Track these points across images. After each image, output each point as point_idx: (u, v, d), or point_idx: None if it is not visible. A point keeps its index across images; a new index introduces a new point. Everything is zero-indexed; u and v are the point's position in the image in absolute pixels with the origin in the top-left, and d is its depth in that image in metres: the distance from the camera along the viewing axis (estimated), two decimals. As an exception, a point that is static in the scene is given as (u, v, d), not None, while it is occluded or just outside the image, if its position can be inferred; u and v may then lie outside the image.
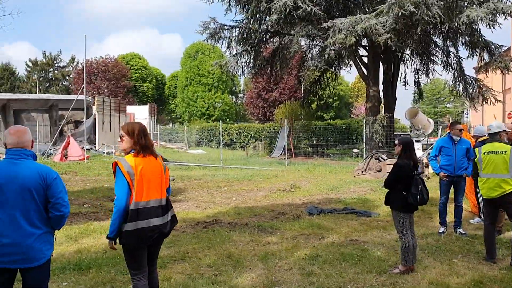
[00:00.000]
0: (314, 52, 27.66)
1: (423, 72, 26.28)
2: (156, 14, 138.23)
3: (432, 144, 20.03)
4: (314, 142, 30.00)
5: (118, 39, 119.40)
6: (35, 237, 3.29)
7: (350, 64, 27.95)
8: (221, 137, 28.10)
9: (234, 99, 64.52)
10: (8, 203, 3.22)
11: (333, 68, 28.58)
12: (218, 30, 24.37)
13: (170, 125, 57.28)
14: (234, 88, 64.65)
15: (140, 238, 3.69)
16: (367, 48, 23.71)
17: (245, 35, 24.01)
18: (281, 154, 25.87)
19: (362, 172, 16.26)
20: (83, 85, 26.11)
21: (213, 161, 23.55)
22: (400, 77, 25.78)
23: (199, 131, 40.45)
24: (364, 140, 22.41)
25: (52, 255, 3.48)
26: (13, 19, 58.86)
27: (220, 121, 30.73)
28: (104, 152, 26.58)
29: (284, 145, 25.41)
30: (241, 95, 67.66)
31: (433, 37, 23.54)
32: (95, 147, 28.63)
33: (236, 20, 24.86)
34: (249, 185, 14.11)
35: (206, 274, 5.40)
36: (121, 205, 3.63)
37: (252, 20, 23.53)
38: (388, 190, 5.79)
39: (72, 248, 6.51)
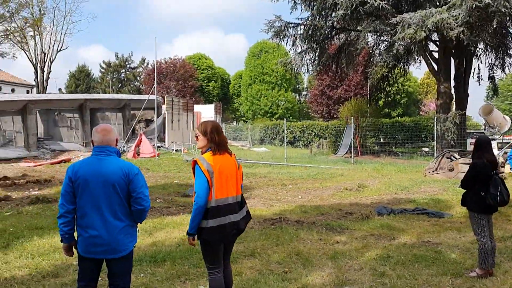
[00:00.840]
0: (381, 48, 26.97)
1: (498, 66, 24.86)
2: (222, 15, 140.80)
3: (508, 143, 18.89)
4: (382, 140, 29.22)
5: (186, 40, 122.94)
6: (119, 229, 3.49)
7: (420, 60, 27.00)
8: (285, 135, 28.13)
9: (297, 97, 64.31)
10: (94, 197, 3.45)
11: (401, 64, 27.72)
12: (283, 28, 24.41)
13: (234, 123, 58.16)
14: (297, 86, 64.46)
15: (221, 234, 3.81)
16: (438, 42, 22.76)
17: (310, 32, 23.86)
18: (346, 153, 25.47)
19: (433, 171, 15.65)
20: (154, 85, 27.16)
21: (277, 159, 23.63)
22: (473, 72, 24.54)
23: (262, 129, 40.75)
24: (435, 138, 21.53)
25: (134, 247, 3.68)
26: (88, 23, 62.35)
27: (284, 119, 30.77)
28: (173, 150, 27.51)
29: (350, 143, 24.99)
30: (304, 92, 67.33)
31: (510, 29, 22.17)
32: (164, 144, 29.71)
33: (301, 18, 24.77)
34: (315, 184, 14.04)
35: (276, 270, 5.46)
36: (201, 202, 3.74)
37: (317, 17, 23.33)
38: (464, 190, 5.55)
39: (147, 241, 6.82)
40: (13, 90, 54.77)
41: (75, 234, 3.60)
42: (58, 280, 5.10)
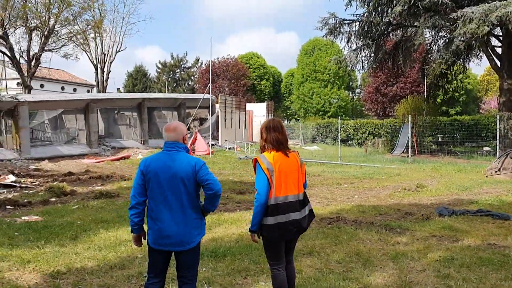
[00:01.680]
0: (439, 44, 26.04)
1: None
2: (274, 13, 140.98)
3: None
4: (440, 139, 28.20)
5: (238, 39, 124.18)
6: (187, 222, 3.60)
7: (481, 56, 25.83)
8: (339, 134, 27.79)
9: (350, 95, 63.30)
10: (164, 190, 3.59)
11: (461, 60, 26.65)
12: (337, 25, 24.15)
13: (286, 121, 58.10)
14: (350, 84, 63.47)
15: (281, 232, 3.84)
16: (501, 37, 21.68)
17: (365, 29, 23.46)
18: (403, 152, 24.80)
19: (495, 172, 14.93)
20: (208, 85, 27.65)
21: (331, 157, 23.38)
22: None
23: (314, 127, 40.45)
24: (497, 138, 20.52)
25: (201, 240, 3.77)
26: (146, 24, 64.34)
27: (338, 118, 30.39)
28: (226, 148, 27.91)
29: (407, 142, 24.32)
30: (358, 90, 66.19)
31: None
32: (218, 142, 30.19)
33: (356, 14, 24.39)
34: (371, 183, 13.78)
35: (336, 269, 5.42)
36: (262, 200, 3.79)
37: (373, 13, 22.89)
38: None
39: (207, 236, 6.97)
40: (75, 90, 57.55)
41: (145, 227, 3.76)
42: (125, 271, 5.32)
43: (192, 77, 72.04)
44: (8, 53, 31.88)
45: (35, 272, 5.21)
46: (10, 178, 13.90)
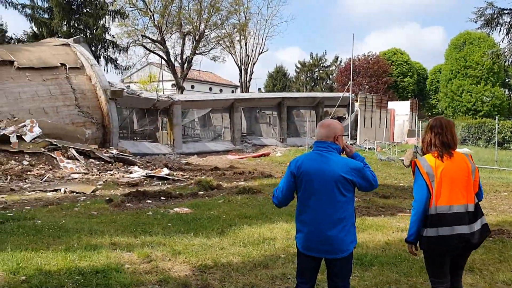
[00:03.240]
0: None
1: None
2: (418, 8, 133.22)
3: None
4: None
5: (380, 36, 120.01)
6: (340, 228, 3.33)
7: None
8: (496, 136, 24.99)
9: (506, 92, 56.68)
10: (316, 193, 3.36)
11: None
12: (495, 16, 21.69)
13: (431, 121, 54.14)
14: (507, 80, 56.84)
15: (442, 246, 3.39)
16: None
17: (531, 18, 20.66)
18: None
19: None
20: (349, 83, 27.07)
21: (485, 162, 21.09)
22: None
23: (464, 128, 37.02)
24: None
25: (354, 248, 3.48)
26: (287, 25, 65.64)
27: (496, 118, 27.34)
28: (365, 148, 27.01)
29: None
30: (516, 87, 59.02)
31: None
32: (356, 142, 29.40)
33: (520, 2, 21.59)
34: (538, 193, 12.01)
35: (505, 293, 4.70)
36: (419, 208, 3.42)
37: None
38: None
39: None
40: (221, 90, 61.25)
41: (292, 229, 3.61)
42: (269, 271, 5.27)
43: (330, 76, 71.54)
44: (165, 57, 35.10)
45: (185, 264, 5.45)
46: (165, 171, 15.16)
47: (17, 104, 17.74)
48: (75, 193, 11.12)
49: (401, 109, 37.82)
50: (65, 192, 11.21)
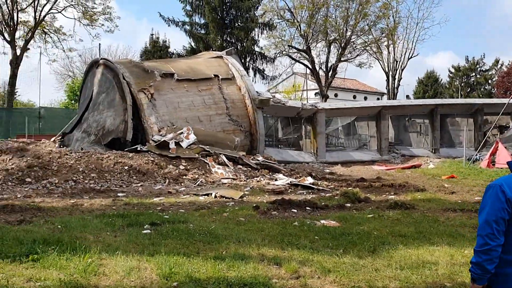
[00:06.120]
0: None
1: None
2: None
3: None
4: None
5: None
6: None
7: None
8: None
9: None
10: None
11: None
12: None
13: None
14: None
15: None
16: None
17: None
18: None
19: None
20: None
21: None
22: None
23: None
24: None
25: None
26: (440, 28, 61.39)
27: None
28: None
29: None
30: None
31: None
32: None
33: None
34: None
35: None
36: None
37: None
38: None
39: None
40: (365, 98, 59.58)
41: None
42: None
43: (489, 81, 64.78)
44: (310, 66, 35.26)
45: (335, 284, 5.01)
46: (309, 180, 14.92)
47: (176, 113, 19.21)
48: (224, 198, 11.46)
49: None
50: (215, 196, 11.63)
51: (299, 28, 37.25)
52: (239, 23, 34.86)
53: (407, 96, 65.62)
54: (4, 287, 4.47)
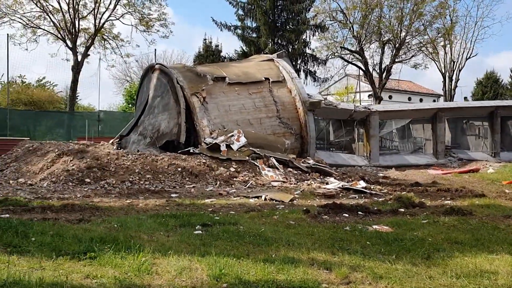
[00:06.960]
0: None
1: None
2: None
3: None
4: None
5: None
6: None
7: None
8: None
9: None
10: None
11: None
12: None
13: None
14: None
15: None
16: None
17: None
18: None
19: None
20: None
21: None
22: None
23: None
24: None
25: None
26: (502, 26, 58.44)
27: None
28: None
29: None
30: None
31: None
32: None
33: None
34: None
35: None
36: None
37: None
38: None
39: None
40: (421, 100, 57.77)
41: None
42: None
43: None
44: (363, 67, 34.64)
45: (388, 291, 4.90)
46: (361, 184, 14.64)
47: (227, 116, 19.46)
48: (274, 201, 11.48)
49: None
50: (265, 199, 11.67)
51: (351, 29, 36.71)
52: (291, 26, 34.83)
53: (465, 98, 62.93)
54: (64, 282, 4.70)
